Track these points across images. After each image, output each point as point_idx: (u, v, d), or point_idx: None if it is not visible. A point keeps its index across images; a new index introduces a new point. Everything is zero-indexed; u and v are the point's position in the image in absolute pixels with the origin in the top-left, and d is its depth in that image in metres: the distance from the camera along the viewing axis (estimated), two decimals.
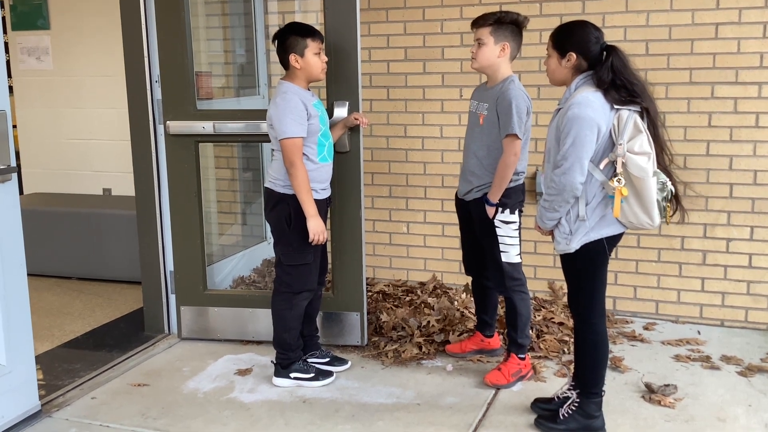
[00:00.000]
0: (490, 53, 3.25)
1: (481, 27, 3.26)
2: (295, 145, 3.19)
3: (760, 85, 3.89)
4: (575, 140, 2.67)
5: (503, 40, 3.23)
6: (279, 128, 3.19)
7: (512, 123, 3.19)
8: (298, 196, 3.23)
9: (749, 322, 4.10)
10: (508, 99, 3.20)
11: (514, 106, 3.18)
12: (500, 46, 3.24)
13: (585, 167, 2.70)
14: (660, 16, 3.99)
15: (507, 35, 3.24)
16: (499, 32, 3.23)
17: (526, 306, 3.45)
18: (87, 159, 5.67)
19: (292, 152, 3.18)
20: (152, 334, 4.14)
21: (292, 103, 3.20)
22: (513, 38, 3.26)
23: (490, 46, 3.24)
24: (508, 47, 3.24)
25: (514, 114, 3.18)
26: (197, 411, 3.28)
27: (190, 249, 3.94)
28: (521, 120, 3.21)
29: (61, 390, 3.47)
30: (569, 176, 2.69)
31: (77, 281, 5.24)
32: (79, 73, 5.57)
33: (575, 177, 2.69)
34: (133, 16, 3.82)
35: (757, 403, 3.26)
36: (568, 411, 3.00)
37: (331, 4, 3.57)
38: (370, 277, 4.81)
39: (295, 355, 3.50)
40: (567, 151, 2.69)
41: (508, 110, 3.20)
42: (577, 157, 2.68)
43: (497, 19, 3.23)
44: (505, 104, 3.21)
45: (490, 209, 3.35)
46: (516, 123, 3.19)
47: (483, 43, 3.25)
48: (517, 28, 3.27)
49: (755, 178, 3.97)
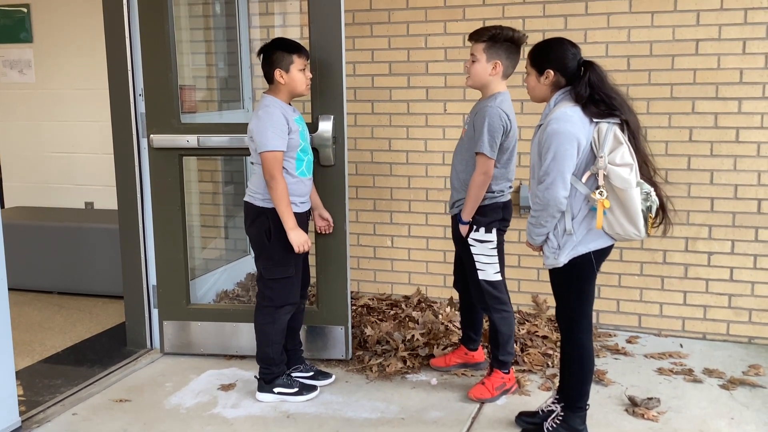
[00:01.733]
0: (481, 70, 3.24)
1: (476, 42, 3.24)
2: (275, 158, 3.18)
3: (740, 100, 3.94)
4: (556, 155, 2.69)
5: (495, 57, 3.21)
6: (260, 141, 3.19)
7: (482, 141, 3.18)
8: (278, 209, 3.22)
9: (731, 335, 4.14)
10: (483, 116, 3.20)
11: (487, 124, 3.17)
12: (492, 63, 3.21)
13: (567, 181, 2.71)
14: (641, 32, 4.03)
15: (500, 53, 3.21)
16: (492, 50, 3.21)
17: (507, 324, 3.42)
18: (69, 172, 5.64)
19: (272, 165, 3.18)
20: (134, 349, 4.11)
21: (274, 116, 3.20)
22: (507, 56, 3.22)
23: (482, 63, 3.23)
24: (500, 65, 3.21)
25: (485, 133, 3.17)
26: (180, 427, 3.25)
27: (173, 263, 3.92)
28: (493, 140, 3.18)
29: (41, 406, 3.43)
30: (552, 191, 2.71)
31: (58, 296, 5.19)
32: (61, 86, 5.55)
33: (558, 191, 2.71)
34: (116, 29, 3.81)
35: (740, 416, 3.28)
36: (552, 424, 3.00)
37: (316, 18, 3.58)
38: (355, 290, 4.80)
39: (278, 369, 3.48)
40: (549, 167, 2.71)
41: (480, 128, 3.20)
42: (559, 171, 2.70)
43: (492, 36, 3.20)
44: (480, 121, 3.21)
45: (462, 227, 3.35)
46: (486, 142, 3.17)
47: (476, 60, 3.24)
48: (513, 45, 3.23)
49: (736, 192, 4.01)
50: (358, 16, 4.53)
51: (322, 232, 3.69)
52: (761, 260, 4.03)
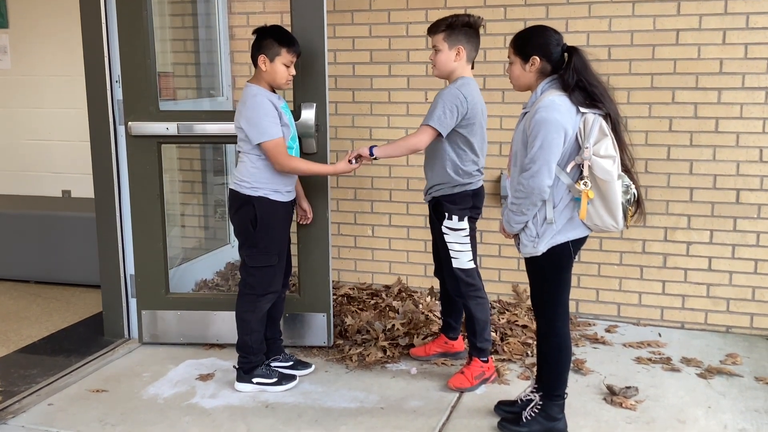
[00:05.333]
0: (446, 59, 3.27)
1: (435, 34, 3.28)
2: (278, 145, 3.19)
3: (720, 90, 3.95)
4: (543, 143, 2.68)
5: (457, 44, 3.24)
6: (256, 132, 3.17)
7: (433, 115, 3.20)
8: (314, 174, 3.41)
9: (709, 324, 4.17)
10: (440, 95, 3.24)
11: (442, 101, 3.20)
12: (455, 50, 3.25)
13: (552, 170, 2.71)
14: (622, 22, 4.03)
15: (461, 38, 3.24)
16: (452, 37, 3.24)
17: (483, 310, 3.44)
18: (46, 160, 5.56)
19: (276, 153, 3.19)
20: (112, 338, 4.07)
21: (264, 105, 3.19)
22: (468, 40, 3.26)
23: (446, 51, 3.26)
24: (463, 50, 3.25)
25: (438, 107, 3.19)
26: (157, 417, 3.22)
27: (151, 252, 3.88)
28: (444, 116, 3.18)
29: (17, 396, 3.39)
30: (537, 179, 2.70)
31: (35, 285, 5.13)
32: (38, 73, 5.47)
33: (543, 180, 2.70)
34: (92, 14, 3.75)
35: (716, 405, 3.31)
36: (531, 413, 3.01)
37: (298, 5, 3.54)
38: (335, 280, 4.78)
39: (257, 359, 3.46)
40: (535, 155, 2.70)
41: (435, 103, 3.23)
42: (545, 160, 2.69)
43: (448, 24, 3.24)
44: (436, 99, 3.25)
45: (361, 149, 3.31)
46: (436, 117, 3.19)
47: (439, 50, 3.27)
48: (471, 29, 3.27)
49: (715, 182, 4.03)
50: (339, 3, 4.50)
51: (299, 222, 3.67)
52: (739, 250, 4.06)
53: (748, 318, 4.10)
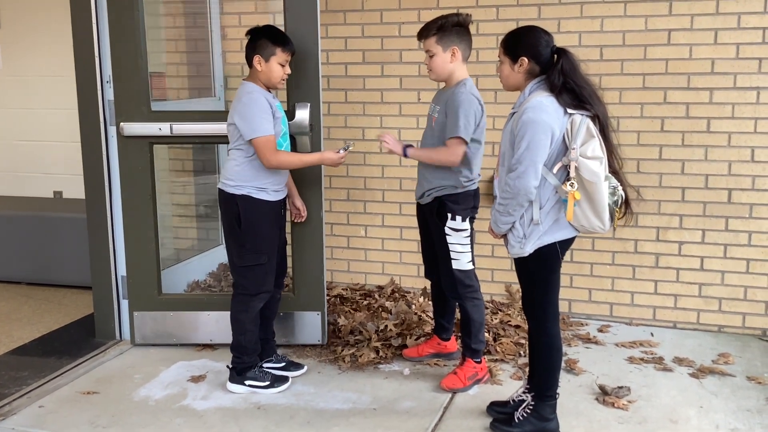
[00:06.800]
0: (442, 62, 3.25)
1: (427, 38, 3.26)
2: (268, 142, 3.19)
3: (711, 90, 3.96)
4: (530, 144, 2.68)
5: (450, 45, 3.22)
6: (250, 127, 3.17)
7: (458, 125, 3.17)
8: (303, 166, 3.38)
9: (701, 324, 4.17)
10: (457, 102, 3.19)
11: (463, 109, 3.17)
12: (450, 51, 3.23)
13: (539, 171, 2.71)
14: (614, 22, 4.04)
15: (453, 39, 3.23)
16: (444, 38, 3.22)
17: (479, 312, 3.44)
18: (37, 161, 5.54)
19: (266, 149, 3.19)
20: (103, 340, 4.05)
21: (259, 101, 3.19)
22: (460, 40, 3.24)
23: (440, 54, 3.24)
24: (457, 50, 3.23)
25: (461, 117, 3.17)
26: (148, 419, 3.21)
27: (144, 253, 3.86)
28: (468, 124, 3.18)
29: (7, 398, 3.37)
30: (524, 180, 2.70)
31: (26, 286, 5.11)
32: (29, 73, 5.45)
33: (529, 181, 2.70)
34: (83, 13, 3.73)
35: (709, 405, 3.31)
36: (523, 414, 3.01)
37: (292, 6, 3.54)
38: (328, 281, 4.77)
39: (251, 359, 3.45)
40: (522, 155, 2.70)
41: (455, 113, 3.19)
42: (532, 161, 2.69)
43: (440, 26, 3.22)
44: (454, 107, 3.20)
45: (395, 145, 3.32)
46: (462, 126, 3.17)
47: (433, 54, 3.25)
48: (462, 28, 3.25)
49: (706, 182, 4.04)
50: (332, 3, 4.49)
51: (293, 220, 3.67)
52: (731, 249, 4.06)
53: (740, 317, 4.11)
